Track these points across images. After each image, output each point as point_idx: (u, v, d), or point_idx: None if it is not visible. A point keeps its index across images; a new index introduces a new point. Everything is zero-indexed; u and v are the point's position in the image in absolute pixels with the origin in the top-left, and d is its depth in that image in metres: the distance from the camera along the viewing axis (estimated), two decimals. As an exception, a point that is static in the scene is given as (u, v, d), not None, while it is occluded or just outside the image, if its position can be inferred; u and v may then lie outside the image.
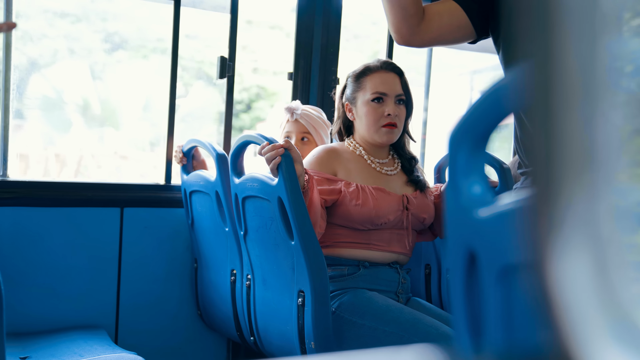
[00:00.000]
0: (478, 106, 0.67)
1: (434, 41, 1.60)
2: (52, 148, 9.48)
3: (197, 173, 2.22)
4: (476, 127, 0.67)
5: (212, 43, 10.64)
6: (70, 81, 10.50)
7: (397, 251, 1.91)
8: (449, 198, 0.70)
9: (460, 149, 0.68)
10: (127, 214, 2.31)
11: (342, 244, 1.89)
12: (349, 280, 1.86)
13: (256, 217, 1.88)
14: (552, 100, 0.25)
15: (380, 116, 1.90)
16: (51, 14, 11.00)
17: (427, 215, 1.97)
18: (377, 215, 1.84)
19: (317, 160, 1.91)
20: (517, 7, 0.27)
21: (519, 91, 0.29)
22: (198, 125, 10.63)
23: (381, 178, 1.94)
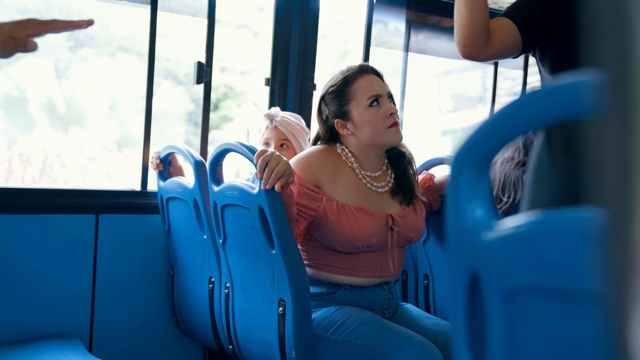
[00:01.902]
0: (481, 130, 0.68)
1: (495, 56, 1.73)
2: (15, 148, 9.28)
3: (174, 180, 2.20)
4: (479, 151, 0.68)
5: (179, 42, 10.54)
6: (33, 79, 10.29)
7: (382, 276, 1.85)
8: (451, 220, 0.71)
9: (463, 172, 0.69)
10: (103, 221, 2.27)
11: (323, 266, 1.83)
12: (327, 300, 1.82)
13: (236, 226, 1.87)
14: (632, 117, 0.23)
15: (383, 118, 1.80)
16: (13, 9, 10.76)
17: (414, 234, 1.88)
18: (357, 238, 1.76)
19: (305, 165, 1.81)
20: (593, 24, 0.26)
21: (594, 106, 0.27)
22: (166, 125, 10.52)
23: (368, 196, 1.84)
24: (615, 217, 0.25)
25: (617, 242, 0.24)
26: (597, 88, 0.26)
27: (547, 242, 0.61)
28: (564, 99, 0.56)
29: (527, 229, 0.64)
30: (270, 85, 2.65)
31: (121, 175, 9.84)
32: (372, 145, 1.84)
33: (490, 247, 0.67)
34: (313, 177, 1.80)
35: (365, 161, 1.87)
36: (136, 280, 2.36)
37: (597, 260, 0.27)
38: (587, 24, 0.27)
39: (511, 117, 0.65)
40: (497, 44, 1.70)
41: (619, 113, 0.24)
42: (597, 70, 0.26)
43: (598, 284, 0.27)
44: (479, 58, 1.73)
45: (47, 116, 10.26)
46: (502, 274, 0.66)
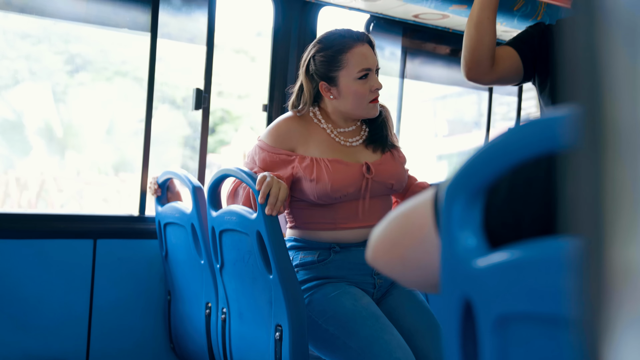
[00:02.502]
0: (473, 160, 0.70)
1: (497, 81, 1.84)
2: (12, 172, 9.29)
3: (172, 205, 2.22)
4: (471, 181, 0.70)
5: (176, 66, 10.61)
6: (31, 103, 10.33)
7: (364, 225, 1.83)
8: (444, 248, 0.73)
9: (456, 201, 0.71)
10: (100, 246, 2.28)
11: (310, 224, 1.84)
12: (320, 268, 1.82)
13: (233, 251, 1.88)
14: (602, 151, 0.25)
15: (367, 92, 1.82)
16: (12, 34, 10.85)
17: (394, 180, 1.87)
18: (333, 188, 1.76)
19: (275, 133, 1.84)
20: (570, 61, 0.28)
21: (568, 139, 0.29)
22: (163, 149, 10.56)
23: (342, 149, 1.85)
24: (588, 245, 0.27)
25: (590, 270, 0.27)
26: (572, 123, 0.28)
27: (539, 269, 0.63)
28: (552, 132, 0.58)
29: (519, 256, 0.66)
30: (267, 111, 2.68)
31: (117, 199, 9.85)
32: (350, 115, 1.87)
33: (482, 275, 0.68)
34: (285, 143, 1.83)
35: (338, 121, 1.89)
36: (133, 305, 2.36)
37: (572, 287, 0.30)
38: (563, 60, 0.29)
39: (503, 147, 0.67)
40: (501, 69, 1.80)
41: (589, 146, 0.26)
42: (572, 106, 0.29)
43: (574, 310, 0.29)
44: (483, 81, 1.82)
45: (44, 140, 10.28)
46: (494, 301, 0.68)
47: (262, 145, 1.83)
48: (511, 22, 2.98)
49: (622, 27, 0.25)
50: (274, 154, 1.81)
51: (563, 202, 0.28)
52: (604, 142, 0.25)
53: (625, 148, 0.24)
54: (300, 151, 1.82)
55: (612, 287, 0.25)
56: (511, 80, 1.88)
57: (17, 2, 2.30)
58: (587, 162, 0.26)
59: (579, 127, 0.26)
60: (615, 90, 0.24)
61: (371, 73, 1.82)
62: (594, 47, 0.25)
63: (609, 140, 0.24)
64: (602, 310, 0.25)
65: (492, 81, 1.83)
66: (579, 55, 0.26)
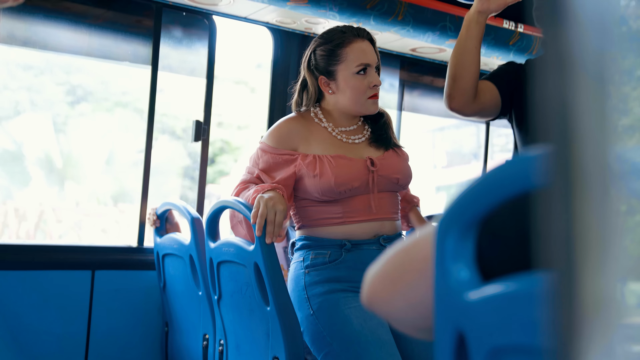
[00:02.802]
0: (467, 193, 0.71)
1: (479, 113, 1.85)
2: (11, 202, 9.29)
3: (170, 236, 2.22)
4: (465, 214, 0.72)
5: (176, 97, 10.68)
6: (31, 134, 10.37)
7: (373, 218, 1.79)
8: (437, 281, 0.74)
9: (449, 234, 0.72)
10: (98, 277, 2.28)
11: (318, 221, 1.80)
12: (331, 269, 1.76)
13: (231, 282, 1.89)
14: (570, 190, 0.27)
15: (366, 88, 1.80)
16: (14, 66, 10.96)
17: (400, 175, 1.84)
18: (337, 183, 1.73)
19: (276, 134, 1.82)
20: (540, 102, 0.30)
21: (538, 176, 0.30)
22: (162, 179, 10.57)
23: (345, 146, 1.84)
24: (560, 279, 0.28)
25: (562, 303, 0.28)
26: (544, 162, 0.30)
27: (531, 302, 0.64)
28: (531, 170, 0.60)
29: (512, 289, 0.67)
30: (266, 143, 2.70)
31: (116, 230, 9.83)
32: (348, 109, 1.84)
33: (475, 307, 0.69)
34: (286, 143, 1.81)
35: (340, 119, 1.87)
36: (130, 336, 2.36)
37: (546, 318, 0.31)
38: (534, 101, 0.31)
39: (495, 182, 0.69)
40: (482, 101, 1.82)
41: (560, 185, 0.28)
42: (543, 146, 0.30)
43: (548, 340, 0.30)
44: (465, 111, 1.83)
45: (43, 171, 10.31)
46: (487, 333, 0.69)
47: (264, 147, 1.81)
48: (507, 56, 3.02)
49: (590, 70, 0.27)
50: (277, 154, 1.79)
51: (537, 237, 0.30)
52: (573, 181, 0.26)
53: (593, 187, 0.25)
54: (302, 150, 1.80)
55: (583, 318, 0.26)
56: (489, 114, 1.89)
57: (20, 35, 2.34)
58: (557, 200, 0.27)
59: (550, 166, 0.28)
60: (583, 132, 0.25)
61: (370, 69, 1.81)
62: (564, 90, 0.26)
63: (578, 179, 0.26)
64: (574, 341, 0.27)
65: (473, 112, 1.84)
66: (549, 97, 0.27)
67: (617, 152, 0.27)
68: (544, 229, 0.29)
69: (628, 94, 0.36)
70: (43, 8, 2.35)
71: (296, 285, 1.79)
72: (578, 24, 0.27)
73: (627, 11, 0.40)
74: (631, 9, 0.41)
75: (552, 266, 0.29)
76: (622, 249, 0.28)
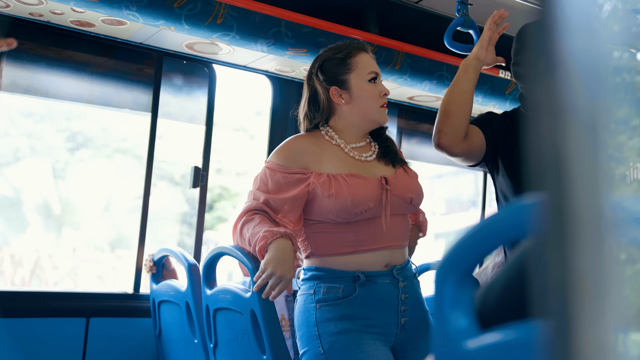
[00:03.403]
0: (464, 242, 0.71)
1: (466, 154, 1.86)
2: (7, 249, 9.23)
3: (167, 282, 2.20)
4: (462, 262, 0.71)
5: (176, 143, 10.75)
6: (30, 180, 10.38)
7: (385, 246, 1.72)
8: (436, 329, 0.73)
9: (447, 282, 0.72)
10: (93, 325, 2.25)
11: (329, 249, 1.72)
12: (344, 305, 1.67)
13: (227, 330, 1.86)
14: (565, 238, 0.27)
15: (379, 96, 1.80)
16: (15, 113, 11.04)
17: (413, 194, 1.78)
18: (354, 203, 1.66)
19: (285, 153, 1.76)
20: (534, 152, 0.30)
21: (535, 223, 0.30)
22: (160, 225, 10.54)
23: (358, 164, 1.78)
24: (556, 328, 0.28)
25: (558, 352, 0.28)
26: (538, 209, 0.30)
27: (529, 351, 0.63)
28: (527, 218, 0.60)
29: (510, 338, 0.66)
30: (264, 190, 2.71)
31: (112, 277, 9.75)
32: (361, 120, 1.81)
33: (473, 356, 0.69)
34: (297, 162, 1.74)
35: (350, 135, 1.82)
36: (124, 386, 2.31)
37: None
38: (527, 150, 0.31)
39: (491, 230, 0.69)
40: (470, 142, 1.85)
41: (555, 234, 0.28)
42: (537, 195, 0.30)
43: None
44: (454, 150, 1.83)
45: (41, 217, 10.28)
46: (486, 383, 0.68)
47: (273, 166, 1.73)
48: (503, 105, 3.06)
49: (583, 120, 0.27)
50: (288, 174, 1.71)
51: (532, 285, 0.30)
52: (567, 229, 0.26)
53: (588, 234, 0.25)
54: (315, 168, 1.73)
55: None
56: (474, 158, 1.90)
57: (23, 83, 2.37)
58: (552, 247, 0.27)
59: (544, 214, 0.28)
60: (577, 180, 0.26)
61: (378, 79, 1.83)
62: (557, 138, 0.27)
63: (572, 227, 0.26)
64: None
65: (461, 152, 1.84)
66: (542, 145, 0.28)
67: (614, 201, 0.27)
68: (539, 277, 0.29)
69: (624, 143, 0.37)
70: (45, 57, 2.39)
71: (306, 320, 1.70)
72: (572, 75, 0.27)
73: (620, 62, 0.41)
74: (624, 60, 0.42)
75: (548, 315, 0.29)
76: (621, 297, 0.27)
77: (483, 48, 1.91)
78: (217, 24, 2.20)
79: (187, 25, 2.17)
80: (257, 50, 2.38)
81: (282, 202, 1.70)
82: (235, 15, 2.23)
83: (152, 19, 2.12)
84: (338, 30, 2.49)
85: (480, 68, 1.92)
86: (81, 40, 2.42)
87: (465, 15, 2.25)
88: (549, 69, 0.27)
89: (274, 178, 1.72)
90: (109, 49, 2.50)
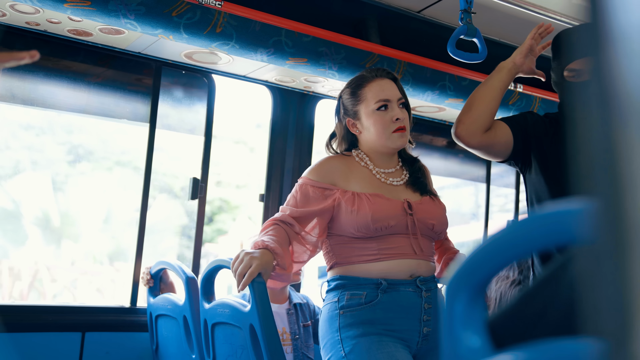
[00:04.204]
0: (475, 255, 0.67)
1: (482, 147, 1.88)
2: (6, 261, 9.17)
3: (164, 296, 2.16)
4: (473, 277, 0.67)
5: (176, 156, 10.72)
6: (30, 193, 10.34)
7: (410, 256, 1.76)
8: (446, 348, 0.69)
9: (458, 298, 0.68)
10: (89, 339, 2.20)
11: (352, 258, 1.76)
12: (367, 311, 1.70)
13: (226, 345, 1.82)
14: (621, 248, 0.23)
15: (389, 122, 1.84)
16: (16, 125, 11.03)
17: (435, 221, 1.83)
18: (374, 219, 1.73)
19: (317, 169, 1.85)
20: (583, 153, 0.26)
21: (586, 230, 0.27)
22: (159, 238, 10.49)
23: (383, 187, 1.84)
24: (611, 346, 0.24)
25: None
26: (588, 216, 0.26)
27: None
28: (557, 227, 0.56)
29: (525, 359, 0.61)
30: (264, 201, 2.67)
31: (111, 289, 9.68)
32: (377, 147, 1.87)
33: (487, 378, 0.64)
34: (327, 178, 1.82)
35: (378, 160, 1.89)
36: (120, 403, 2.25)
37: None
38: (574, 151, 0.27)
39: (505, 243, 0.65)
40: (490, 136, 1.86)
41: (608, 243, 0.23)
42: (587, 198, 0.26)
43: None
44: (469, 142, 1.86)
45: (40, 230, 10.23)
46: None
47: (305, 180, 1.83)
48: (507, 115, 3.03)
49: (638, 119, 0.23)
50: (317, 187, 1.80)
51: (580, 301, 0.26)
52: (623, 238, 0.22)
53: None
54: (342, 186, 1.81)
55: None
56: (496, 154, 1.91)
57: (20, 93, 2.34)
58: (605, 259, 0.23)
59: (596, 222, 0.24)
60: (635, 185, 0.22)
61: (391, 104, 1.86)
62: (611, 140, 0.23)
63: (629, 235, 0.22)
64: None
65: (478, 145, 1.87)
66: (594, 148, 0.23)
67: None
68: (588, 292, 0.25)
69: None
70: (43, 67, 2.35)
71: (330, 327, 1.73)
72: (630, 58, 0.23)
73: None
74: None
75: (600, 334, 0.24)
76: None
77: (522, 54, 1.93)
78: (217, 32, 2.17)
79: (185, 34, 2.14)
80: (257, 59, 2.34)
81: (308, 214, 1.78)
82: (235, 24, 2.20)
83: (150, 28, 2.09)
84: (339, 40, 2.45)
85: (515, 73, 1.95)
86: (79, 50, 2.39)
87: (468, 23, 2.23)
88: (600, 53, 0.23)
89: (304, 190, 1.81)
90: (107, 59, 2.47)
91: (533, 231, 0.60)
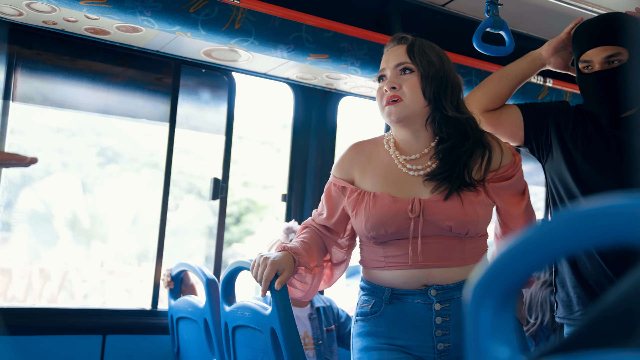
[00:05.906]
0: (504, 257, 0.60)
1: (492, 125, 1.84)
2: (37, 262, 9.29)
3: (185, 298, 2.12)
4: (502, 281, 0.60)
5: (203, 156, 10.77)
6: (60, 195, 10.47)
7: (417, 265, 1.55)
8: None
9: (484, 305, 0.61)
10: (109, 342, 2.18)
11: (367, 262, 1.64)
12: (371, 322, 1.58)
13: (247, 349, 1.77)
14: None
15: (382, 95, 1.62)
16: (47, 129, 11.19)
17: (453, 222, 1.55)
18: (368, 227, 1.56)
19: (340, 164, 1.71)
20: None
21: None
22: (187, 238, 10.54)
23: (396, 181, 1.62)
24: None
25: None
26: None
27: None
28: (608, 224, 0.49)
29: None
30: (287, 201, 2.62)
31: (140, 290, 9.75)
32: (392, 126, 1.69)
33: (518, 394, 0.57)
34: (346, 173, 1.69)
35: (403, 142, 1.67)
36: (141, 406, 2.22)
37: None
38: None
39: (540, 243, 0.58)
40: (496, 118, 1.84)
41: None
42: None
43: None
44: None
45: (70, 231, 10.36)
46: None
47: (332, 178, 1.72)
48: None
49: None
50: (337, 185, 1.68)
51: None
52: None
53: None
54: (357, 181, 1.66)
55: None
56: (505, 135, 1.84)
57: (38, 93, 2.32)
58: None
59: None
60: None
61: (386, 73, 1.64)
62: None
63: None
64: None
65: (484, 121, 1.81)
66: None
67: None
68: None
69: None
70: (62, 67, 2.34)
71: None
72: None
73: None
74: None
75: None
76: None
77: (551, 46, 1.89)
78: (235, 29, 2.12)
79: (203, 30, 2.09)
80: (277, 56, 2.29)
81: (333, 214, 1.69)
82: (254, 20, 2.15)
83: (167, 25, 2.05)
84: (361, 35, 2.39)
85: (540, 65, 1.91)
86: (97, 49, 2.37)
87: (495, 15, 2.14)
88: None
89: (328, 190, 1.72)
90: (126, 58, 2.45)
91: (573, 229, 0.54)
